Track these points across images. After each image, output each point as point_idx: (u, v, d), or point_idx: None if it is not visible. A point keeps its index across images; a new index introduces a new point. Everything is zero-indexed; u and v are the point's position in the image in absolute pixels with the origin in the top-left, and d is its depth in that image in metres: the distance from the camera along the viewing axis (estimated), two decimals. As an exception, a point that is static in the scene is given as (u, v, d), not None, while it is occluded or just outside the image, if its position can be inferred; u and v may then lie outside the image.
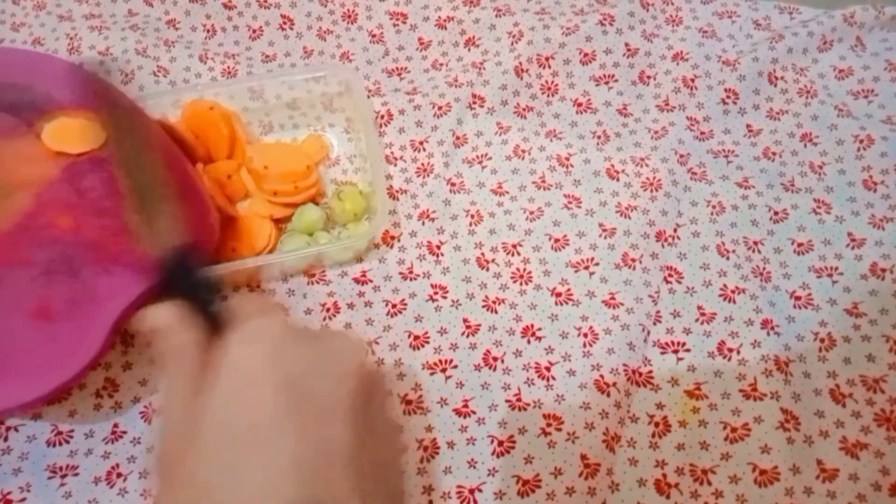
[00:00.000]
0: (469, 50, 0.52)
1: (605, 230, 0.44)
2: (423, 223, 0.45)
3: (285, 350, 0.26)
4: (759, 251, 0.44)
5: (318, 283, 0.43)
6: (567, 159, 0.47)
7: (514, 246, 0.44)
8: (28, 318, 0.33)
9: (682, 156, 0.48)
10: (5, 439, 0.38)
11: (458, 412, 0.39)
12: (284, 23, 0.54)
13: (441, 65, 0.52)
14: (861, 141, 0.47)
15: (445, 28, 0.53)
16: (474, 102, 0.49)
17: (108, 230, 0.35)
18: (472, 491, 0.37)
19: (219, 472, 0.24)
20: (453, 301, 0.42)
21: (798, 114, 0.49)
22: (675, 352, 0.41)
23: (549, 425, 0.38)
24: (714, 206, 0.45)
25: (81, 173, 0.36)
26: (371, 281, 0.43)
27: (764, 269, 0.43)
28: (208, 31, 0.54)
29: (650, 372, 0.40)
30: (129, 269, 0.35)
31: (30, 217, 0.34)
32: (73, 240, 0.34)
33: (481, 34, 0.52)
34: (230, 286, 0.43)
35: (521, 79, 0.50)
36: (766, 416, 0.38)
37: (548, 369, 0.40)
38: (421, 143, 0.48)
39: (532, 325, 0.41)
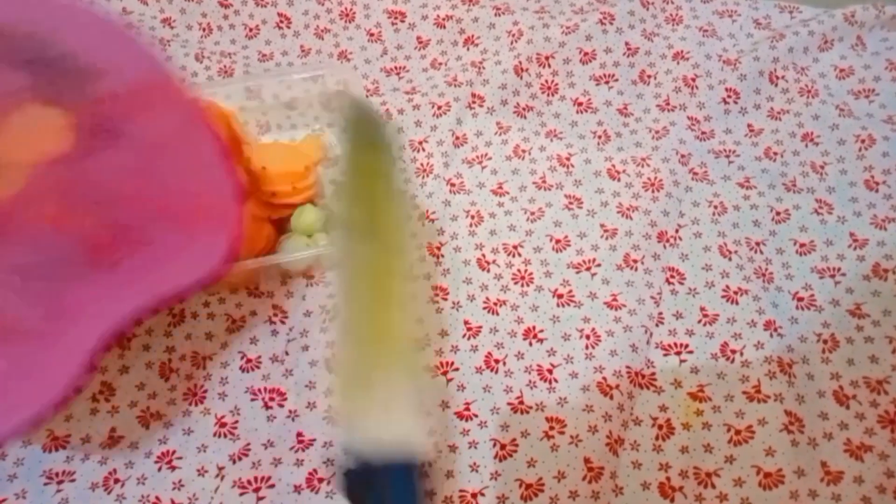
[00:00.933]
0: (468, 49, 0.52)
1: (606, 231, 0.44)
2: (423, 224, 0.45)
3: None
4: (762, 252, 0.44)
5: (317, 284, 0.43)
6: (567, 159, 0.47)
7: (515, 247, 0.44)
8: None
9: (683, 156, 0.47)
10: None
11: (459, 415, 0.39)
12: (281, 21, 0.53)
13: (440, 64, 0.52)
14: (862, 141, 0.47)
15: (444, 27, 0.53)
16: (474, 102, 0.49)
17: (101, 224, 0.29)
18: (474, 495, 0.36)
19: None
20: (454, 303, 0.42)
21: (799, 113, 0.49)
22: (678, 353, 0.40)
23: (551, 428, 0.38)
24: (716, 207, 0.45)
25: (92, 150, 0.30)
26: (371, 283, 0.43)
27: (766, 269, 0.43)
28: (204, 29, 0.53)
29: (653, 374, 0.40)
30: (116, 278, 0.29)
31: (14, 204, 0.29)
32: (58, 238, 0.29)
33: (480, 33, 0.52)
34: (227, 288, 0.42)
35: (521, 78, 0.50)
36: (770, 419, 0.37)
37: (550, 371, 0.39)
38: (420, 143, 0.48)
39: (534, 327, 0.41)
